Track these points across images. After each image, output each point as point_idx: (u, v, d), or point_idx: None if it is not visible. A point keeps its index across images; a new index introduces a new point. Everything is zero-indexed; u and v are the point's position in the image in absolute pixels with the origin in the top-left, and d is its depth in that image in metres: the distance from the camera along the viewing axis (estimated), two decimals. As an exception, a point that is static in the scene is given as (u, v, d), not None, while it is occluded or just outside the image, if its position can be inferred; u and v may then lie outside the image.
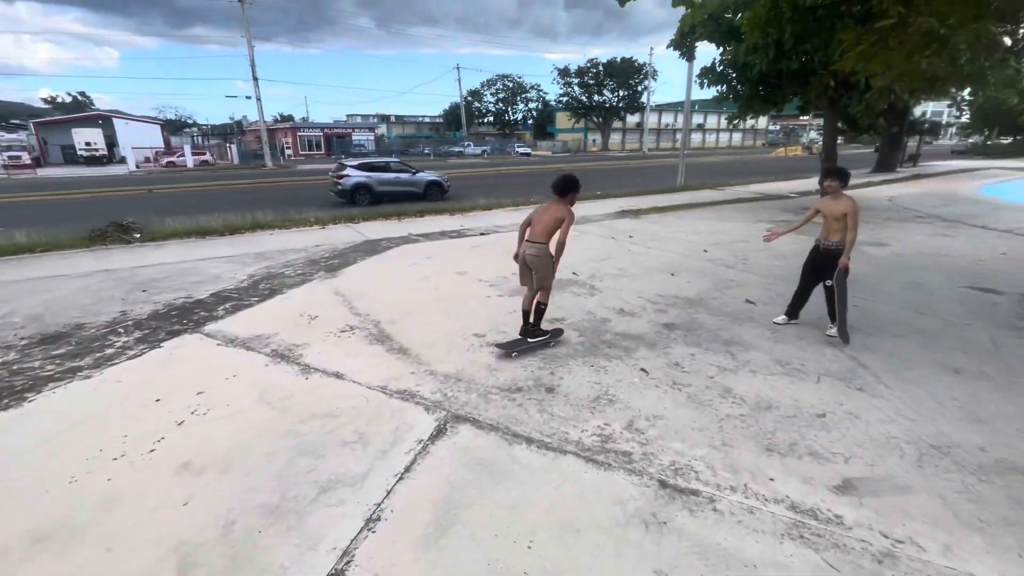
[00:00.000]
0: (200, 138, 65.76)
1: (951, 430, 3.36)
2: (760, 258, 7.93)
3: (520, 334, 4.63)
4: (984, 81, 8.23)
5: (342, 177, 15.53)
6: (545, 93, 74.63)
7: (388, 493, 2.76)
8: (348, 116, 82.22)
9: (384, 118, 78.85)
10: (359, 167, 15.98)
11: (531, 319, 4.58)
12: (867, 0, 5.95)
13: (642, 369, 4.20)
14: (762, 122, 79.23)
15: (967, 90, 10.79)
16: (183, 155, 38.28)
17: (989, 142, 43.96)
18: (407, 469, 2.96)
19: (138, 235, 9.33)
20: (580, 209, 13.05)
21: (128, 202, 17.29)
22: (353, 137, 55.04)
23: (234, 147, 45.48)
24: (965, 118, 41.17)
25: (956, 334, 4.98)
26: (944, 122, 59.25)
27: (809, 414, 3.55)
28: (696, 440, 3.25)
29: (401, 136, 68.79)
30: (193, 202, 16.21)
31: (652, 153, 59.39)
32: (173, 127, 70.96)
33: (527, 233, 4.41)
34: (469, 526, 2.53)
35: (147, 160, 37.41)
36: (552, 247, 4.33)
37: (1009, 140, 44.85)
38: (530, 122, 77.54)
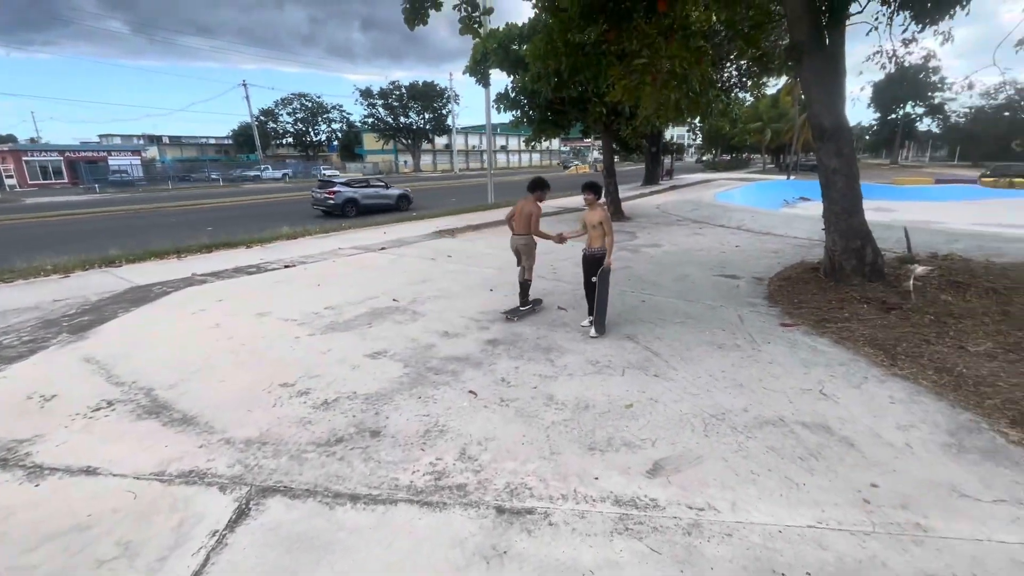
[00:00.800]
0: None
1: (723, 398, 4.01)
2: (567, 266, 8.68)
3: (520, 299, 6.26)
4: (709, 111, 10.41)
5: (334, 193, 17.83)
6: (349, 114, 72.41)
7: (169, 616, 2.15)
8: (102, 136, 68.13)
9: (155, 139, 67.19)
10: (346, 184, 18.92)
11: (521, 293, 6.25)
12: (622, 42, 6.96)
13: (471, 391, 4.15)
14: (556, 143, 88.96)
15: (698, 118, 13.57)
16: None
17: (716, 159, 56.45)
18: (197, 575, 2.36)
19: None
20: (396, 231, 12.78)
21: None
22: (110, 161, 45.40)
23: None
24: (699, 141, 52.13)
25: (715, 315, 6.08)
26: (685, 143, 74.49)
27: (620, 406, 3.89)
28: (527, 455, 3.28)
29: (179, 160, 59.33)
30: None
31: (463, 173, 61.85)
32: None
33: (513, 227, 6.10)
34: (285, 626, 2.10)
35: None
36: (533, 237, 5.99)
37: (728, 157, 58.35)
38: (336, 143, 74.19)
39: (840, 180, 6.73)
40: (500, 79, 15.50)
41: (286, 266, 8.98)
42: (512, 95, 14.46)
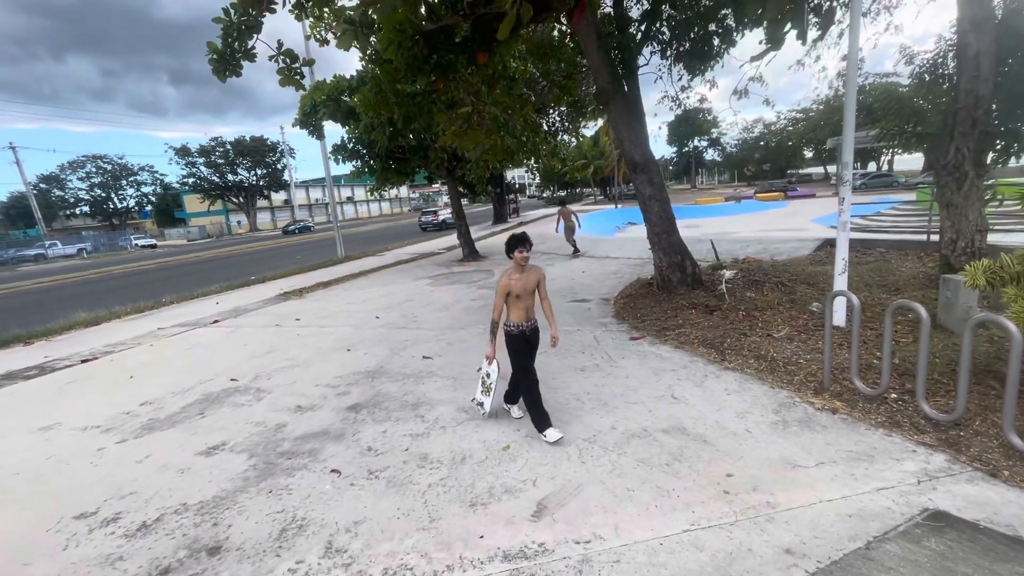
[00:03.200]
0: None
1: (592, 420, 4.13)
2: (427, 313, 8.49)
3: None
4: (538, 153, 11.25)
5: (436, 216, 32.36)
6: (163, 175, 64.34)
7: None
8: None
9: None
10: (437, 212, 33.49)
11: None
12: (450, 91, 7.22)
13: (333, 470, 3.68)
14: (404, 190, 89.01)
15: (532, 159, 14.62)
16: None
17: (553, 195, 61.71)
18: None
19: None
20: (231, 299, 11.33)
21: None
22: None
23: None
24: (537, 180, 56.64)
25: (575, 340, 6.37)
26: (526, 183, 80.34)
27: (497, 450, 3.77)
28: (405, 530, 2.96)
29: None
30: None
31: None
32: None
33: (570, 221, 13.68)
34: None
35: None
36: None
37: (564, 192, 64.13)
38: (149, 208, 65.14)
39: (655, 205, 7.68)
40: (336, 130, 15.09)
41: (84, 360, 7.33)
42: (350, 145, 14.11)
